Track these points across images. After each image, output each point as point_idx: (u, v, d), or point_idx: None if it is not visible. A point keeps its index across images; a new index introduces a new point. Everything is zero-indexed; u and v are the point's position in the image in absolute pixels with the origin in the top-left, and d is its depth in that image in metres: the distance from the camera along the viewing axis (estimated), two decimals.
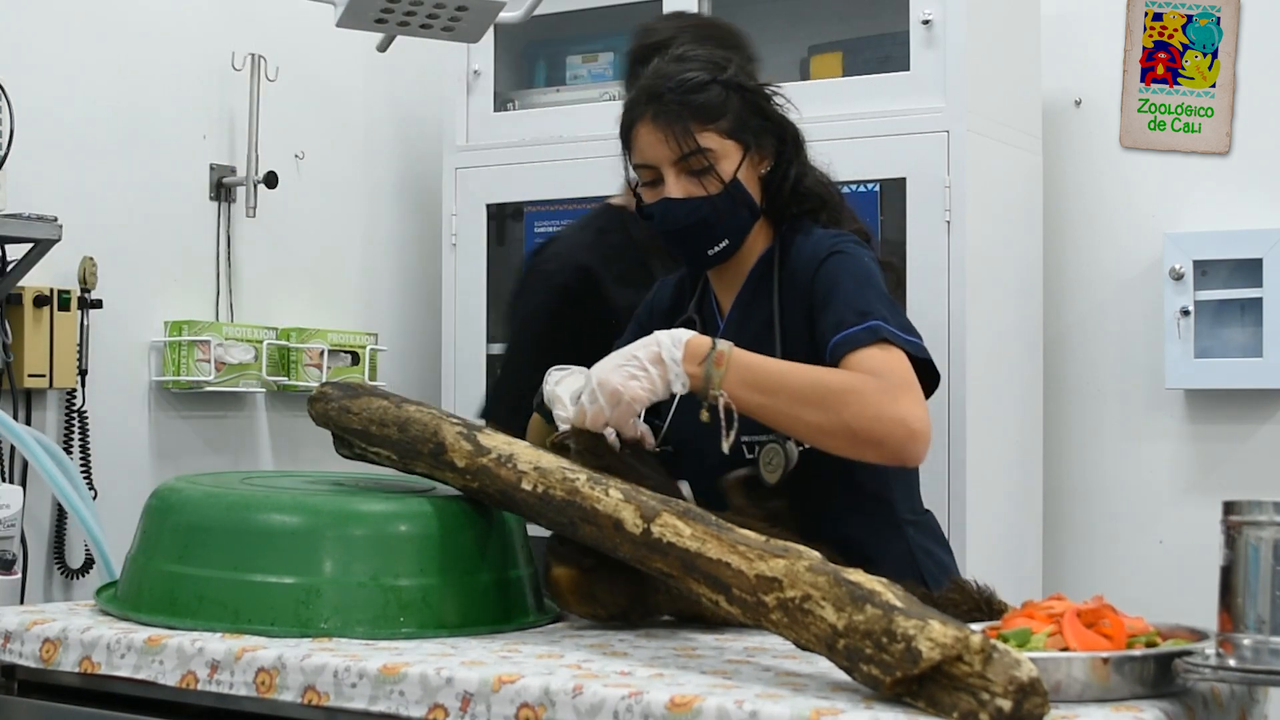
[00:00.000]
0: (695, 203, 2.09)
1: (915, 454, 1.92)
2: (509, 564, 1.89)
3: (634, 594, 1.86)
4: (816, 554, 1.54)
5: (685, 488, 1.98)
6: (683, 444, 2.18)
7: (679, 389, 1.91)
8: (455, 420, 1.90)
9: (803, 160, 2.19)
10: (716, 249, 2.13)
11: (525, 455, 1.81)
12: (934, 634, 1.38)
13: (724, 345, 1.91)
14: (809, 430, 1.92)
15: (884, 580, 1.47)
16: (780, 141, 2.16)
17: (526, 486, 1.77)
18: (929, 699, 1.38)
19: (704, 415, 1.94)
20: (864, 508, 2.14)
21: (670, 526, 1.64)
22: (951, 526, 2.96)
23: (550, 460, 1.80)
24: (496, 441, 1.85)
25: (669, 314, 2.25)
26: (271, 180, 3.44)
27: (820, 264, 2.08)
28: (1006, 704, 1.33)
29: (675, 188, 2.10)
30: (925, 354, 2.00)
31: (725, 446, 1.91)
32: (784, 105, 2.17)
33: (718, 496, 2.12)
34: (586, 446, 1.90)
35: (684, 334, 1.93)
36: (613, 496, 1.70)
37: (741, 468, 2.11)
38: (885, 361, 1.94)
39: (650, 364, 1.90)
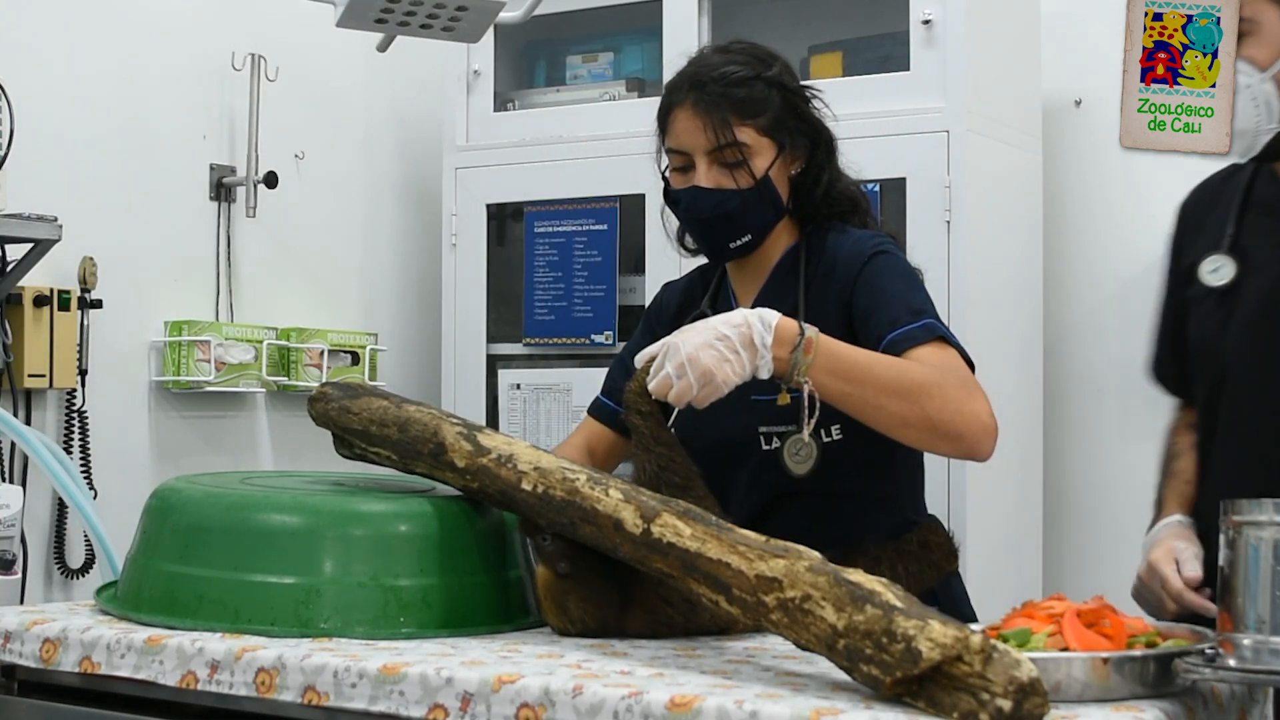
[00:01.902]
0: (724, 195, 2.11)
1: (988, 449, 1.94)
2: (509, 564, 1.89)
3: (606, 615, 1.79)
4: (816, 554, 1.54)
5: None
6: (684, 425, 2.19)
7: (764, 374, 1.88)
8: (455, 420, 1.90)
9: (834, 165, 2.21)
10: (738, 242, 2.15)
11: (525, 455, 1.81)
12: (934, 634, 1.38)
13: (811, 331, 1.89)
14: (890, 420, 1.92)
15: (884, 580, 1.47)
16: (814, 145, 2.18)
17: (526, 486, 1.77)
18: (929, 699, 1.38)
19: (783, 399, 1.93)
20: (873, 509, 2.15)
21: (670, 526, 1.64)
22: (952, 527, 2.96)
23: (550, 461, 1.79)
24: (496, 442, 1.85)
25: (678, 315, 2.25)
26: (271, 180, 3.44)
27: (866, 262, 2.10)
28: (1006, 704, 1.33)
29: (706, 177, 2.12)
30: (969, 357, 2.03)
31: (805, 434, 1.92)
32: (821, 109, 2.19)
33: (718, 481, 2.12)
34: (653, 411, 1.89)
35: (773, 316, 1.88)
36: (613, 496, 1.70)
37: (746, 457, 2.12)
38: (944, 359, 1.98)
39: (742, 347, 1.86)
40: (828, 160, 2.20)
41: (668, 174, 2.18)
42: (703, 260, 2.31)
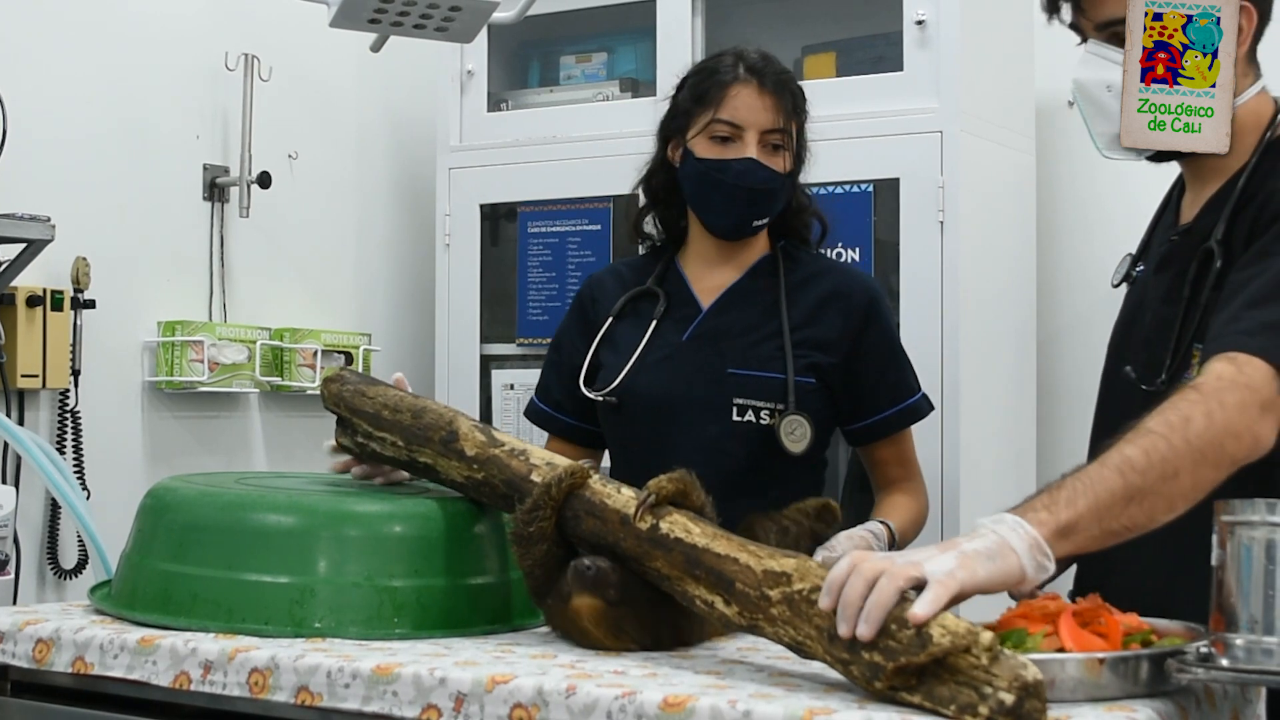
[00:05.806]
0: (772, 172, 2.26)
1: None
2: (504, 565, 1.89)
3: (662, 632, 1.70)
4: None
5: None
6: (625, 394, 2.23)
7: None
8: (471, 419, 1.90)
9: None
10: (760, 222, 2.30)
11: (539, 454, 1.82)
12: (947, 622, 1.39)
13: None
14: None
15: None
16: (798, 161, 2.34)
17: (536, 478, 1.77)
18: (926, 693, 1.38)
19: None
20: (806, 481, 2.28)
21: (680, 524, 1.65)
22: (945, 526, 2.96)
23: (564, 461, 1.79)
24: (511, 439, 1.85)
25: (616, 301, 2.40)
26: (265, 180, 3.43)
27: (876, 306, 2.34)
28: (1009, 697, 1.33)
29: (757, 153, 2.25)
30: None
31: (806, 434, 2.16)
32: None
33: (657, 454, 2.12)
34: None
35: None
36: (624, 494, 1.71)
37: (712, 421, 2.22)
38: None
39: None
40: (800, 174, 2.37)
41: (692, 142, 2.27)
42: (641, 251, 2.48)
